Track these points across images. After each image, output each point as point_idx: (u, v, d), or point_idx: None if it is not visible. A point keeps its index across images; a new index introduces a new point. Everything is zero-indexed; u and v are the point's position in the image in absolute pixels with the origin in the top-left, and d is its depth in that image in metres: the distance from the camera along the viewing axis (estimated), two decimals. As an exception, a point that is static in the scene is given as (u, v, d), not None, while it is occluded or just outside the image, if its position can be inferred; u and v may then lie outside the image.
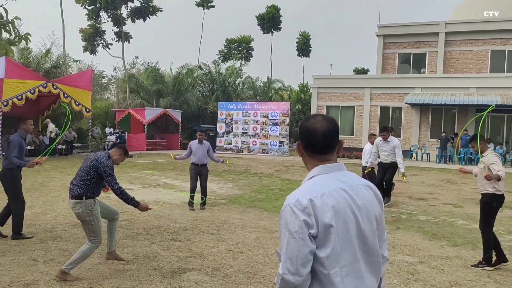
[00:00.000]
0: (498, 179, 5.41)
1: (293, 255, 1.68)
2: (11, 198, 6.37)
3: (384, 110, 26.54)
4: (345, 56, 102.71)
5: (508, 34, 26.60)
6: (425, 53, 28.73)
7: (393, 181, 11.07)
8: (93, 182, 4.85)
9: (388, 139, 9.37)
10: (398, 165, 9.38)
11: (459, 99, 23.51)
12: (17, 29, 8.10)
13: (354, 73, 53.36)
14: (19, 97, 19.03)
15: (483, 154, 5.73)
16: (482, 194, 5.79)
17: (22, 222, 6.37)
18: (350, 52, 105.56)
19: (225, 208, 9.24)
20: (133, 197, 4.99)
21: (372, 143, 11.68)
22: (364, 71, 53.07)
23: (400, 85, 26.05)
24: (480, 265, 5.61)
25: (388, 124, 26.23)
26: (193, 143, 9.43)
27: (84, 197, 4.76)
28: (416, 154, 24.51)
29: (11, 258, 5.33)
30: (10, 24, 7.71)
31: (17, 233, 6.23)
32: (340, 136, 1.98)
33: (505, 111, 23.19)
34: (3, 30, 7.64)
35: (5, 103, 18.64)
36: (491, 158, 5.59)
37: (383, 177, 9.51)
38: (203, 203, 9.17)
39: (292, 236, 1.70)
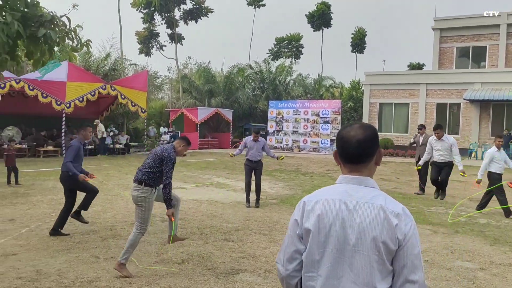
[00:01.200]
0: None
1: (284, 248, 1.85)
2: (67, 197, 6.78)
3: (441, 107, 25.53)
4: (399, 51, 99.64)
5: None
6: (485, 46, 27.34)
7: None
8: (155, 171, 5.19)
9: (442, 138, 9.02)
10: (456, 163, 9.01)
11: (524, 94, 22.19)
12: (78, 37, 8.54)
13: (409, 68, 51.66)
14: (81, 99, 20.06)
15: None
16: None
17: (89, 205, 6.87)
18: (404, 47, 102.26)
19: (276, 208, 9.27)
20: (172, 200, 5.25)
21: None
22: (419, 66, 51.28)
23: (458, 80, 24.94)
24: None
25: (446, 121, 25.23)
26: (248, 139, 9.55)
27: (143, 183, 5.12)
28: (476, 152, 23.39)
29: (75, 255, 5.64)
30: (72, 32, 8.14)
31: (56, 230, 6.58)
32: (393, 134, 1.93)
33: None
34: (66, 38, 8.08)
35: (68, 105, 19.71)
36: None
37: (437, 176, 9.16)
38: (258, 201, 9.35)
39: (288, 231, 1.86)
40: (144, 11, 36.29)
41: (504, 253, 6.22)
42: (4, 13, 7.22)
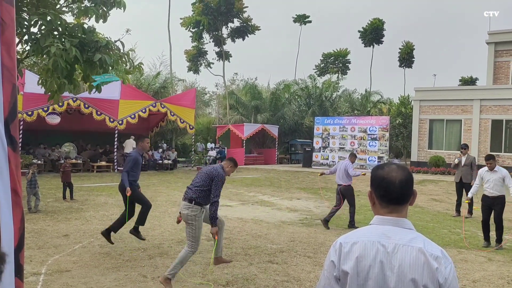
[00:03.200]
0: None
1: None
2: (141, 203, 7.13)
3: (496, 124, 24.38)
4: (451, 65, 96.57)
5: None
6: (545, 60, 25.97)
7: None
8: (205, 189, 5.32)
9: (495, 169, 8.10)
10: (510, 193, 8.20)
11: None
12: (131, 60, 8.93)
13: (460, 83, 49.90)
14: (133, 116, 20.85)
15: None
16: None
17: (145, 220, 7.17)
18: (456, 61, 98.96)
19: (322, 229, 9.14)
20: (217, 218, 5.36)
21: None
22: (472, 81, 49.41)
23: (515, 96, 23.77)
24: None
25: (502, 139, 24.06)
26: (339, 163, 9.94)
27: (194, 202, 5.25)
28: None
29: (124, 273, 5.81)
30: (126, 56, 8.53)
31: (136, 230, 7.02)
32: (445, 151, 1.90)
33: None
34: (120, 61, 8.48)
35: (120, 122, 20.53)
36: None
37: (488, 216, 8.13)
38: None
39: (323, 272, 1.84)
40: (193, 30, 37.34)
41: None
42: (63, 40, 7.67)
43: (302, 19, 47.25)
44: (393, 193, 1.80)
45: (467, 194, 10.86)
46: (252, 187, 16.44)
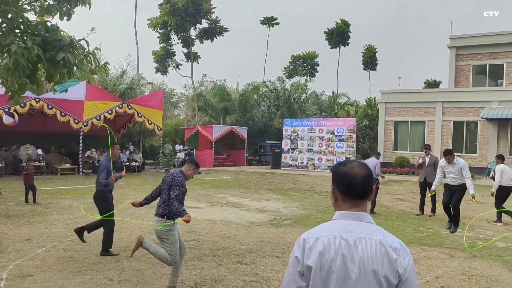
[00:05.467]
0: None
1: (284, 286, 1.85)
2: (101, 216, 6.94)
3: (457, 125, 25.24)
4: (416, 68, 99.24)
5: None
6: (503, 64, 27.08)
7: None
8: None
9: (454, 161, 8.67)
10: (468, 187, 8.71)
11: (543, 113, 21.82)
12: (97, 59, 8.74)
13: (425, 85, 51.37)
14: (98, 117, 20.41)
15: None
16: None
17: (112, 240, 6.89)
18: (420, 64, 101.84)
19: (290, 229, 9.21)
20: (183, 210, 5.05)
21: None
22: (436, 84, 50.93)
23: (475, 98, 24.68)
24: None
25: (463, 140, 24.91)
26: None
27: (166, 216, 5.11)
28: (494, 172, 22.96)
29: (89, 277, 5.68)
30: (91, 55, 8.34)
31: (106, 250, 6.76)
32: (409, 152, 1.97)
33: None
34: (85, 61, 8.28)
35: (85, 123, 20.06)
36: None
37: (449, 200, 8.75)
38: None
39: (288, 268, 1.86)
40: (161, 31, 36.94)
41: (524, 280, 6.06)
42: (25, 38, 7.44)
43: (269, 21, 47.54)
44: (356, 189, 1.85)
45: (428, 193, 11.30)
46: (221, 188, 16.39)
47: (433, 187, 9.39)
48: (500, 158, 10.97)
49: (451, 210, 8.72)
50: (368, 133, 30.55)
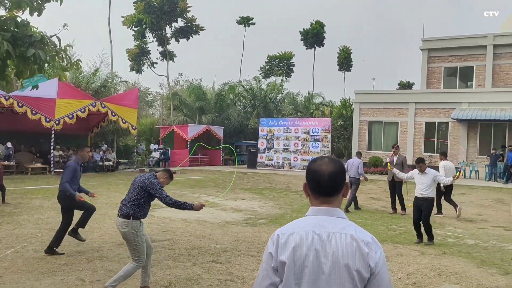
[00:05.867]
0: None
1: (259, 282, 1.85)
2: (64, 218, 6.89)
3: (429, 126, 25.80)
4: (390, 70, 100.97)
5: (562, 45, 25.35)
6: (473, 67, 27.82)
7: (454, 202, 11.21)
8: (141, 202, 5.03)
9: (425, 171, 8.44)
10: (446, 181, 8.79)
11: (510, 114, 22.52)
12: (69, 56, 8.56)
13: (399, 87, 52.35)
14: (70, 116, 19.99)
15: None
16: None
17: (62, 240, 6.76)
18: (395, 65, 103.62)
19: (265, 228, 9.24)
20: (185, 202, 5.12)
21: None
22: (409, 85, 51.95)
23: (446, 100, 25.28)
24: None
25: (434, 140, 25.48)
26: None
27: (131, 217, 4.95)
28: (464, 171, 23.58)
29: (60, 277, 5.56)
30: (62, 52, 8.16)
31: (51, 248, 6.59)
32: (383, 152, 1.98)
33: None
34: (56, 58, 8.10)
35: (57, 122, 19.62)
36: None
37: (419, 217, 8.41)
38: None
39: (262, 264, 1.87)
40: (136, 29, 36.50)
41: (491, 276, 6.25)
42: (-6, 33, 7.22)
43: (246, 21, 47.60)
44: (323, 185, 1.87)
45: (397, 193, 11.58)
46: (197, 188, 16.30)
47: (405, 178, 9.27)
48: (443, 155, 11.75)
49: (423, 227, 8.38)
50: (343, 133, 30.92)
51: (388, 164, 11.34)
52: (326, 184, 1.87)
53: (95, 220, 9.33)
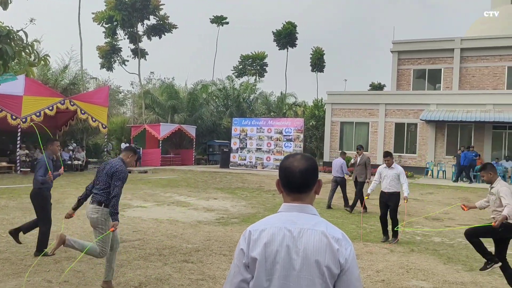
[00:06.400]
0: (506, 219, 5.42)
1: (231, 279, 1.84)
2: (39, 217, 6.68)
3: (399, 127, 26.36)
4: (361, 71, 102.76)
5: (525, 50, 26.34)
6: (441, 69, 28.57)
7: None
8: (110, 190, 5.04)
9: (392, 166, 8.50)
10: (403, 190, 8.45)
11: (476, 116, 23.24)
12: (36, 51, 8.32)
13: (370, 88, 53.25)
14: (38, 114, 19.43)
15: (492, 185, 5.77)
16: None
17: (47, 241, 6.58)
18: (366, 67, 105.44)
19: (237, 227, 9.22)
20: (118, 213, 5.01)
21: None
22: (380, 87, 52.90)
23: (415, 101, 25.89)
24: (488, 266, 5.72)
25: (404, 141, 26.03)
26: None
27: (103, 204, 4.99)
28: (432, 171, 24.21)
29: (26, 279, 5.40)
30: (29, 47, 7.93)
31: (41, 251, 6.40)
32: (354, 152, 1.99)
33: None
34: (23, 53, 7.86)
35: (24, 120, 19.04)
36: (500, 189, 5.61)
37: (385, 211, 8.50)
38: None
39: (233, 261, 1.87)
40: (106, 26, 35.83)
41: (457, 272, 6.43)
42: (-44, 27, 6.95)
43: (219, 20, 47.44)
44: (293, 182, 1.88)
45: (358, 192, 11.74)
46: (168, 187, 16.13)
47: (368, 191, 9.07)
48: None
49: (391, 220, 8.45)
50: (315, 133, 31.23)
51: (366, 197, 9.51)
52: (297, 181, 1.87)
53: (62, 220, 9.10)
